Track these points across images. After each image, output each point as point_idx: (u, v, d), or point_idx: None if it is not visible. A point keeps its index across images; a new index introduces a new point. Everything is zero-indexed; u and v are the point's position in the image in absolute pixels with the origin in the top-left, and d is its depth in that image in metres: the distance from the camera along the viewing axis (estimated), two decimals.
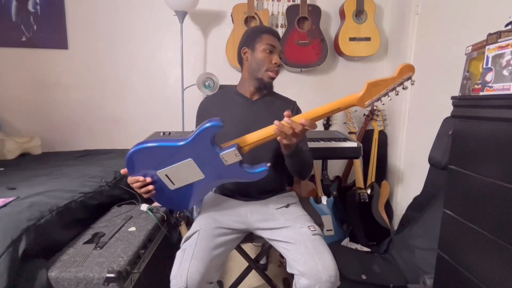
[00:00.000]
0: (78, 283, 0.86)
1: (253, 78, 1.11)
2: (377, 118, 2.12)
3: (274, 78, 1.11)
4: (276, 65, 1.08)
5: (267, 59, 1.07)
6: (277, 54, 1.09)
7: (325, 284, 0.83)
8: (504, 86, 0.78)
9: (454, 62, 1.45)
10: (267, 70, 1.08)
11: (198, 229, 0.99)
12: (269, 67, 1.08)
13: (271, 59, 1.08)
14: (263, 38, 1.08)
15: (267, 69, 1.08)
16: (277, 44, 1.09)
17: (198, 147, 0.86)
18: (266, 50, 1.07)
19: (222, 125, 0.83)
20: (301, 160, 1.01)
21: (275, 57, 1.08)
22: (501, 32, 0.88)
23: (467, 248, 0.89)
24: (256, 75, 1.10)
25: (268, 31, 1.10)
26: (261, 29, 1.12)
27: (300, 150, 0.98)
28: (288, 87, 2.18)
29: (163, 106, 2.15)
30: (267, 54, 1.07)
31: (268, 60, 1.07)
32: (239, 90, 1.16)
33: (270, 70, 1.08)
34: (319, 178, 2.05)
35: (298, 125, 0.82)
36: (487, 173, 0.82)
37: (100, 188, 1.30)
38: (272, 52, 1.08)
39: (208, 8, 2.08)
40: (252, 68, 1.10)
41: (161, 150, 0.88)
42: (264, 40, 1.08)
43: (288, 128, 0.82)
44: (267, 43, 1.07)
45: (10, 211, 0.94)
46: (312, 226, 0.99)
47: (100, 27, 2.05)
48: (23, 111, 2.08)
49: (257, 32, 1.10)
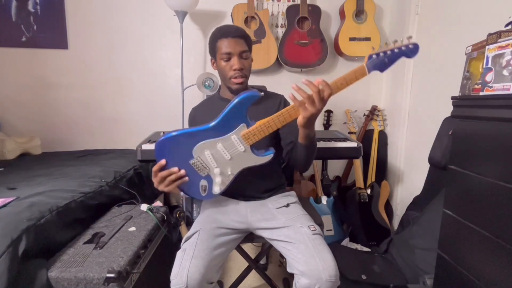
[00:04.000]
0: (78, 283, 0.86)
1: (225, 85, 1.10)
2: (377, 118, 2.12)
3: (242, 83, 1.05)
4: (238, 70, 1.02)
5: (226, 67, 1.03)
6: (236, 57, 1.02)
7: (325, 284, 0.83)
8: (504, 86, 0.78)
9: (454, 62, 1.45)
10: (231, 78, 1.04)
11: (198, 229, 0.99)
12: (231, 75, 1.04)
13: (231, 65, 1.03)
14: (218, 46, 1.03)
15: (230, 77, 1.04)
16: (233, 46, 1.01)
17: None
18: (224, 59, 1.02)
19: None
20: (312, 153, 1.00)
21: (234, 62, 1.02)
22: (501, 32, 0.88)
23: (467, 248, 0.89)
24: (225, 84, 1.09)
25: (221, 36, 1.02)
26: (214, 36, 1.04)
27: (315, 142, 0.99)
28: (288, 87, 2.16)
29: (163, 106, 2.15)
30: (226, 62, 1.03)
31: (228, 67, 1.03)
32: (222, 95, 1.16)
33: (233, 77, 1.04)
34: (319, 178, 2.05)
35: (312, 86, 0.80)
36: (487, 173, 0.82)
37: (100, 188, 1.30)
38: (229, 59, 1.02)
39: (208, 8, 2.08)
40: (221, 77, 1.10)
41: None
42: (219, 48, 1.03)
43: (305, 95, 0.79)
44: (222, 52, 1.02)
45: (10, 211, 0.94)
46: (312, 225, 0.99)
47: (100, 27, 2.05)
48: (23, 111, 2.08)
49: (213, 41, 1.05)
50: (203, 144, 0.92)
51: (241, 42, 1.03)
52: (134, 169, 1.62)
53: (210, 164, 0.94)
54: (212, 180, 0.97)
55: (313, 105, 0.81)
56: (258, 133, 0.89)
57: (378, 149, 2.09)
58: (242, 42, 1.03)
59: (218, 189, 0.97)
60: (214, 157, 0.93)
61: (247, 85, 1.13)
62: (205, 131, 0.92)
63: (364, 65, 0.81)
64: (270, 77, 2.18)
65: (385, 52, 0.79)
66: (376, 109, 2.15)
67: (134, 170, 1.62)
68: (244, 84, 1.08)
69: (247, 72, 1.07)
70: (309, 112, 0.81)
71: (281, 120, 0.87)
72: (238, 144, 0.91)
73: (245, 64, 1.05)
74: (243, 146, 0.91)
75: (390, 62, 0.80)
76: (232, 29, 1.04)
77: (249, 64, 1.08)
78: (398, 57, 0.80)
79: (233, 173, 0.95)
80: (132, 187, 1.50)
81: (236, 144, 0.91)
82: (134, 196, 1.42)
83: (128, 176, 1.54)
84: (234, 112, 0.89)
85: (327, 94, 0.80)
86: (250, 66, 1.08)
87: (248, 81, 1.12)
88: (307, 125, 0.87)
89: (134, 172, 1.60)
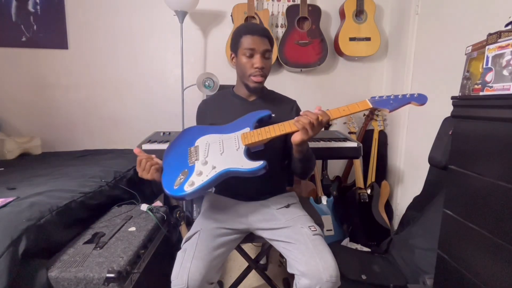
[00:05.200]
0: (78, 283, 0.86)
1: (242, 82, 1.10)
2: (377, 118, 2.12)
3: (260, 82, 1.06)
4: (259, 69, 1.02)
5: (248, 64, 1.03)
6: (259, 55, 1.02)
7: (326, 284, 0.83)
8: (504, 86, 0.78)
9: (454, 62, 1.45)
10: (250, 76, 1.04)
11: (198, 230, 0.99)
12: (251, 72, 1.03)
13: (252, 63, 1.02)
14: (241, 42, 1.03)
15: (250, 74, 1.04)
16: (258, 44, 1.01)
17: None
18: (246, 54, 1.02)
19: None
20: (309, 164, 1.04)
21: (256, 60, 1.02)
22: (501, 32, 0.88)
23: (467, 248, 0.89)
24: (243, 81, 1.08)
25: (247, 32, 1.02)
26: (240, 31, 1.04)
27: (311, 155, 1.01)
28: (288, 87, 2.18)
29: (163, 106, 2.15)
30: (248, 59, 1.03)
31: (249, 65, 1.03)
32: (236, 92, 1.16)
33: (253, 75, 1.04)
34: (319, 178, 2.05)
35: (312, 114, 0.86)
36: (487, 173, 0.82)
37: (100, 188, 1.30)
38: (252, 56, 1.02)
39: (208, 8, 2.08)
40: (239, 73, 1.09)
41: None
42: (243, 43, 1.02)
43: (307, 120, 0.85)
44: (245, 47, 1.01)
45: (10, 211, 0.93)
46: (312, 226, 0.99)
47: (100, 27, 2.05)
48: (23, 111, 2.08)
49: (237, 36, 1.05)
50: (208, 136, 0.98)
51: (266, 41, 1.04)
52: (134, 169, 1.62)
53: (201, 154, 0.93)
54: (192, 173, 0.89)
55: (312, 129, 0.87)
56: (256, 135, 0.91)
57: (378, 149, 2.09)
58: (267, 42, 1.04)
59: (189, 188, 0.86)
60: (209, 148, 0.94)
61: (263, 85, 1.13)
62: (218, 128, 1.00)
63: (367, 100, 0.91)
64: (270, 77, 2.12)
65: (390, 96, 0.91)
66: (376, 109, 2.14)
67: (134, 170, 1.61)
68: (263, 83, 1.08)
69: (267, 72, 1.07)
70: (307, 136, 0.88)
71: (281, 129, 0.92)
72: (235, 142, 0.93)
73: (266, 64, 1.05)
74: (238, 145, 0.92)
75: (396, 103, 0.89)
76: (258, 27, 1.05)
77: (270, 65, 1.08)
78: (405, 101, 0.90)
79: (217, 168, 0.88)
80: (132, 187, 1.50)
81: (234, 142, 0.93)
82: (134, 196, 1.42)
83: (128, 176, 1.54)
84: (245, 119, 0.99)
85: (325, 122, 0.88)
86: (270, 67, 1.08)
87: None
88: (302, 144, 0.92)
89: (134, 172, 1.60)
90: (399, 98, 0.90)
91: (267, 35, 1.05)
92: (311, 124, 0.85)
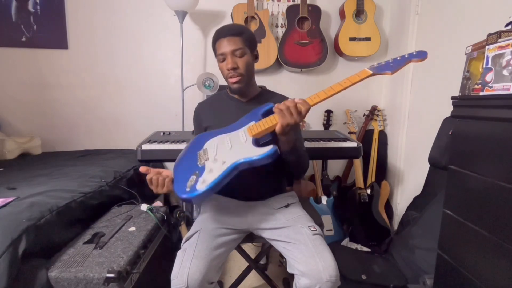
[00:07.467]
0: (78, 283, 0.86)
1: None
2: (377, 118, 2.12)
3: (237, 82, 1.04)
4: (230, 70, 1.01)
5: (223, 68, 1.04)
6: (229, 56, 1.01)
7: (326, 284, 0.83)
8: (504, 86, 0.78)
9: (454, 62, 1.45)
10: (227, 78, 1.05)
11: (198, 229, 0.99)
12: (227, 75, 1.04)
13: (225, 66, 1.03)
14: (216, 48, 1.04)
15: (226, 77, 1.05)
16: (225, 46, 1.00)
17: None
18: (220, 60, 1.04)
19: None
20: (298, 159, 1.01)
21: (227, 62, 1.01)
22: (501, 32, 0.88)
23: (467, 248, 0.89)
24: (227, 84, 1.09)
25: (217, 37, 1.03)
26: (213, 38, 1.05)
27: (298, 148, 0.99)
28: (288, 87, 2.18)
29: (163, 106, 2.15)
30: (222, 63, 1.04)
31: (224, 68, 1.04)
32: (230, 94, 1.16)
33: (228, 77, 1.04)
34: (319, 178, 2.05)
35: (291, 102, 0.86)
36: (487, 173, 0.82)
37: (100, 188, 1.30)
38: (224, 59, 1.03)
39: (208, 8, 2.08)
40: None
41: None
42: (216, 50, 1.04)
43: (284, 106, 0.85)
44: (218, 54, 1.03)
45: (10, 211, 0.94)
46: (312, 226, 0.99)
47: (100, 27, 2.05)
48: (23, 111, 2.08)
49: (213, 43, 1.06)
50: (216, 138, 0.98)
51: (234, 40, 1.00)
52: (134, 169, 1.62)
53: (211, 154, 0.93)
54: (203, 172, 0.90)
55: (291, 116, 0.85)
56: (261, 125, 0.91)
57: (378, 149, 2.09)
58: (236, 40, 1.01)
59: (202, 186, 0.86)
60: (218, 147, 0.94)
61: (248, 83, 1.09)
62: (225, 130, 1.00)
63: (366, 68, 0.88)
64: (270, 77, 2.18)
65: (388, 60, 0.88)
66: (376, 109, 2.15)
67: (134, 170, 1.62)
68: (242, 82, 1.05)
69: (243, 71, 1.03)
70: (286, 121, 0.85)
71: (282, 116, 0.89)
72: (242, 136, 0.93)
73: (238, 62, 1.01)
74: (245, 137, 0.92)
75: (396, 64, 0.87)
76: (225, 28, 1.03)
77: (246, 62, 1.03)
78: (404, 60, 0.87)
79: (227, 163, 0.88)
80: (132, 187, 1.50)
81: (240, 136, 0.93)
82: (134, 196, 1.43)
83: (128, 176, 1.54)
84: (250, 115, 0.98)
85: (304, 109, 0.86)
86: (247, 63, 1.04)
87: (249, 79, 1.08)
88: (283, 132, 0.89)
89: (134, 172, 1.60)
90: (398, 60, 0.88)
91: (236, 32, 1.01)
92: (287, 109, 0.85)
